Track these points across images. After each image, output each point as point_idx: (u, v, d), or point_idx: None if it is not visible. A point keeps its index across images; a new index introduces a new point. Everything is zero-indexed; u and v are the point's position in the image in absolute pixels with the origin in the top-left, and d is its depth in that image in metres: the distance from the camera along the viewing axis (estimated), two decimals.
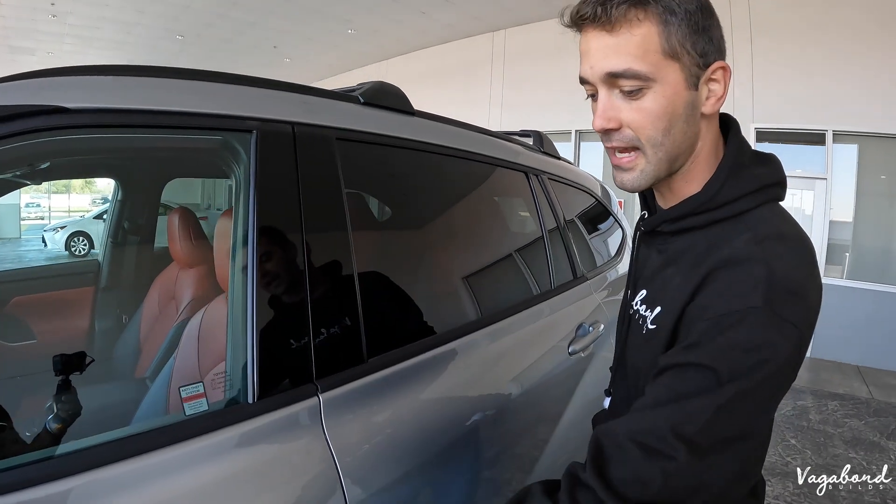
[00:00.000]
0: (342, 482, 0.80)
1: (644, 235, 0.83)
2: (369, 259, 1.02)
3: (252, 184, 0.83)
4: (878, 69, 5.27)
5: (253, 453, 0.75)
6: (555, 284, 1.70)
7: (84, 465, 0.61)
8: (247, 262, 0.82)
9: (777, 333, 0.57)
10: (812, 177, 5.73)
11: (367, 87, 1.16)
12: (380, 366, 0.94)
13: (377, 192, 1.19)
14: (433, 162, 1.34)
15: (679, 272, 0.68)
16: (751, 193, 0.67)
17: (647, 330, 0.70)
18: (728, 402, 0.56)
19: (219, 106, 0.85)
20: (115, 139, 0.84)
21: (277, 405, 0.78)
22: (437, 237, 1.48)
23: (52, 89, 0.70)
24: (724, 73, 0.67)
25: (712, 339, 0.58)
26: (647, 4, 0.61)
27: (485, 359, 1.25)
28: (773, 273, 0.59)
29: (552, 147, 2.09)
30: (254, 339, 0.78)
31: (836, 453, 3.47)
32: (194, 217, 1.82)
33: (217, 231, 1.16)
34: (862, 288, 5.56)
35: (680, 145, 0.67)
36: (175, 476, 0.67)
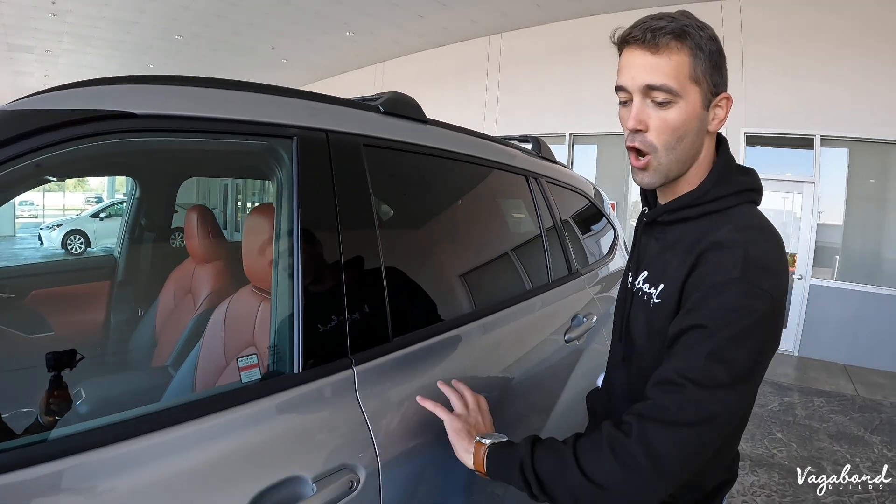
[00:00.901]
0: (374, 441, 0.92)
1: (645, 227, 0.98)
2: (392, 252, 1.13)
3: (295, 184, 0.94)
4: (865, 76, 5.42)
5: (298, 416, 0.87)
6: (552, 279, 1.83)
7: (158, 425, 0.72)
8: (292, 253, 0.93)
9: (753, 297, 0.73)
10: (800, 180, 5.88)
11: (386, 97, 1.28)
12: (403, 344, 1.07)
13: (397, 193, 1.29)
14: (445, 165, 1.48)
15: (676, 256, 0.85)
16: (734, 194, 0.85)
17: (654, 304, 0.87)
18: (717, 348, 0.73)
19: (264, 114, 0.96)
20: (174, 142, 0.93)
21: (319, 375, 0.90)
22: (448, 234, 1.62)
23: (122, 96, 0.79)
24: (728, 102, 0.86)
25: (705, 304, 0.76)
26: (685, 39, 0.79)
27: (491, 342, 1.39)
28: (748, 254, 0.75)
29: (549, 152, 2.24)
30: (299, 319, 0.90)
31: (821, 446, 3.58)
32: (212, 215, 1.91)
33: (247, 227, 1.25)
34: (850, 289, 5.69)
35: (688, 152, 0.85)
36: (235, 434, 0.79)
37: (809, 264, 5.83)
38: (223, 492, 0.75)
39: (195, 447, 0.75)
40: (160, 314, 1.99)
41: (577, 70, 7.34)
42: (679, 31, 0.79)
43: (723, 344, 0.72)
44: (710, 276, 0.76)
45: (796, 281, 5.90)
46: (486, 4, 7.16)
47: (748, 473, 3.11)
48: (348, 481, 0.86)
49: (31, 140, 0.71)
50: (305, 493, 0.81)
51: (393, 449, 0.95)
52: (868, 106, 5.41)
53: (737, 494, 2.86)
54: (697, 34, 0.80)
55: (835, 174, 5.76)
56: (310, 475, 0.82)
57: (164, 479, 0.71)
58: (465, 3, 7.14)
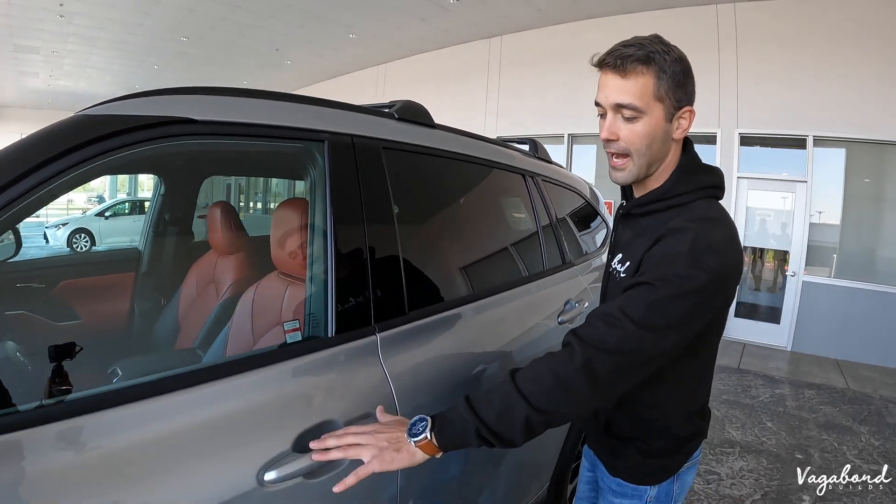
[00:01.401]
0: (394, 395, 1.11)
1: (622, 217, 1.15)
2: (407, 240, 1.30)
3: (328, 181, 1.11)
4: (857, 78, 5.56)
5: (332, 371, 1.06)
6: (546, 267, 2.03)
7: (223, 374, 0.89)
8: (326, 240, 1.10)
9: (695, 269, 0.89)
10: (793, 180, 6.02)
11: (399, 105, 1.46)
12: (417, 317, 1.25)
13: (410, 190, 1.45)
14: (451, 165, 1.66)
15: (644, 241, 1.00)
16: (692, 191, 1.01)
17: (620, 277, 1.05)
18: (657, 301, 0.89)
19: (301, 121, 1.13)
20: (228, 144, 1.09)
21: (348, 339, 1.08)
22: (454, 225, 1.79)
23: (184, 104, 0.94)
24: (691, 114, 1.00)
25: (655, 269, 0.92)
26: (650, 64, 0.93)
27: (493, 319, 1.58)
28: (697, 236, 0.91)
29: (545, 153, 2.45)
30: (332, 294, 1.08)
31: (810, 435, 3.72)
32: (234, 210, 2.06)
33: (276, 218, 1.40)
34: (843, 285, 5.83)
35: (655, 156, 1.00)
36: (282, 384, 0.97)
37: (802, 262, 5.97)
38: (273, 430, 0.92)
39: (252, 392, 0.93)
40: (183, 303, 2.12)
41: (576, 72, 7.47)
42: (645, 57, 0.93)
43: (663, 299, 0.88)
44: (663, 250, 0.93)
45: (789, 278, 6.05)
46: (486, 8, 7.31)
47: (738, 459, 3.26)
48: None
49: (112, 140, 0.86)
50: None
51: (410, 401, 1.14)
52: (860, 107, 5.55)
53: (725, 478, 3.00)
54: (662, 59, 0.94)
55: (829, 174, 5.89)
56: (342, 420, 1.00)
57: (228, 417, 0.88)
58: (465, 7, 7.29)
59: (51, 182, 0.82)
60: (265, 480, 0.87)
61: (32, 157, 0.81)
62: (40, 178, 0.81)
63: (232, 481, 0.84)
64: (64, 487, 0.72)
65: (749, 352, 5.89)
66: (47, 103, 16.05)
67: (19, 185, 0.79)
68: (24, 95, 15.05)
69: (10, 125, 16.68)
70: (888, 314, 5.59)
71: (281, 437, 0.91)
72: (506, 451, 1.60)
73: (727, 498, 2.79)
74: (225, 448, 0.86)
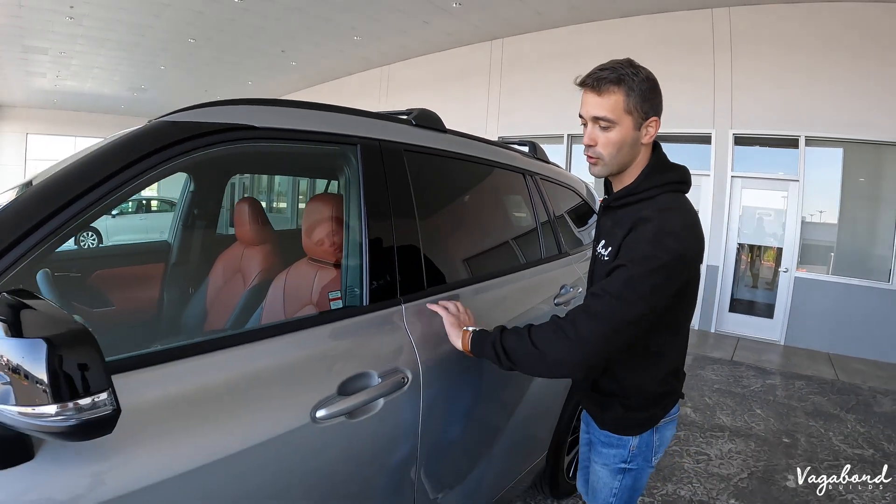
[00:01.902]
0: (417, 354, 1.36)
1: (603, 209, 1.39)
2: (425, 229, 1.53)
3: (361, 180, 1.34)
4: (848, 79, 5.74)
5: (368, 332, 1.28)
6: (544, 256, 2.27)
7: (282, 330, 1.11)
8: (361, 228, 1.33)
9: (658, 251, 1.12)
10: (786, 179, 6.21)
11: (416, 113, 1.70)
12: (434, 292, 1.49)
13: (427, 187, 1.66)
14: (460, 165, 1.90)
15: (620, 228, 1.23)
16: (657, 186, 1.23)
17: (605, 260, 1.29)
18: (629, 278, 1.12)
19: (339, 128, 1.36)
20: (284, 147, 1.30)
21: (380, 308, 1.31)
22: (464, 218, 2.03)
23: (246, 113, 1.14)
24: (656, 123, 1.23)
25: (627, 252, 1.16)
26: (621, 84, 1.16)
27: (495, 297, 1.82)
28: (661, 225, 1.14)
29: (544, 154, 2.71)
30: (366, 271, 1.31)
31: (797, 421, 3.90)
32: (260, 205, 2.25)
33: (309, 210, 1.60)
34: (834, 281, 6.00)
35: (625, 158, 1.24)
36: (330, 341, 1.20)
37: (795, 258, 6.15)
38: (323, 376, 1.15)
39: (308, 346, 1.16)
40: (210, 291, 2.31)
41: (574, 74, 7.58)
42: (616, 78, 1.16)
43: (634, 276, 1.12)
44: (634, 237, 1.16)
45: (782, 274, 6.24)
46: (488, 11, 7.49)
47: (727, 442, 3.45)
48: (401, 378, 1.28)
49: (190, 142, 1.05)
50: (373, 383, 1.22)
51: (429, 359, 1.38)
52: (851, 108, 5.73)
53: (714, 458, 3.19)
54: (631, 79, 1.16)
55: (827, 173, 6.05)
56: (376, 372, 1.23)
57: (290, 365, 1.10)
58: (468, 10, 7.47)
59: (140, 178, 1.01)
60: (317, 417, 1.09)
61: (126, 155, 1.00)
62: (132, 173, 0.99)
63: (293, 415, 1.06)
64: (173, 413, 0.92)
65: (743, 345, 6.08)
66: (53, 103, 16.21)
67: (116, 178, 0.97)
68: (29, 95, 15.21)
69: (14, 125, 16.86)
70: (879, 309, 5.74)
71: (329, 383, 1.14)
72: (510, 425, 1.83)
73: (715, 476, 2.98)
74: (288, 390, 1.08)
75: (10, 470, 0.76)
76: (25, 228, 0.88)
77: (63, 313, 0.69)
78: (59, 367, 0.64)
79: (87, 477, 0.82)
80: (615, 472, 1.40)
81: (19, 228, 0.87)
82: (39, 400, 0.65)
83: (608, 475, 1.42)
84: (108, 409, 0.69)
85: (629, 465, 1.39)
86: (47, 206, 0.90)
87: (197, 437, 0.93)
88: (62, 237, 0.95)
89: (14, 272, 0.86)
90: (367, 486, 1.25)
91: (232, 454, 0.95)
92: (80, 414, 0.66)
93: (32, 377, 0.65)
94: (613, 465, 1.40)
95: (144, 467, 0.86)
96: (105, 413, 0.68)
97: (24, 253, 0.87)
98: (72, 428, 0.66)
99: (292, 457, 1.05)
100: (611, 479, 1.41)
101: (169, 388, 0.93)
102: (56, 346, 0.64)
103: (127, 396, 0.87)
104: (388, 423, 1.22)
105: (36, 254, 0.90)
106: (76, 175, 0.95)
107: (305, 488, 1.09)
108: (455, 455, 1.58)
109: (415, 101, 9.51)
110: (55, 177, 0.95)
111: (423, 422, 1.35)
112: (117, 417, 0.71)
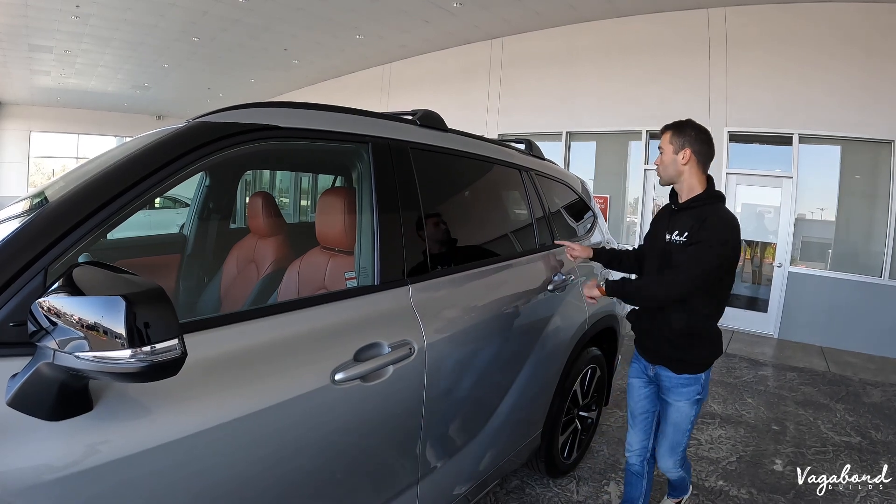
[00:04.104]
0: (422, 328, 1.52)
1: (674, 211, 2.03)
2: (429, 220, 1.69)
3: (372, 175, 1.50)
4: (840, 79, 5.87)
5: (379, 308, 1.44)
6: (538, 245, 2.44)
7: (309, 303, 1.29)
8: (372, 219, 1.48)
9: (725, 234, 1.85)
10: (780, 175, 6.33)
11: (420, 113, 1.86)
12: (437, 275, 1.67)
13: (430, 182, 1.81)
14: (461, 162, 2.07)
15: (693, 223, 1.89)
16: (710, 198, 1.95)
17: (682, 243, 1.91)
18: (707, 248, 1.83)
19: (353, 128, 1.51)
20: (303, 145, 1.45)
21: (390, 287, 1.48)
22: (463, 210, 2.21)
23: (271, 114, 1.28)
24: (685, 152, 1.96)
25: (703, 235, 1.84)
26: (666, 130, 2.01)
27: (492, 281, 2.01)
28: (724, 221, 1.88)
29: (539, 151, 2.88)
30: (378, 256, 1.46)
31: (787, 410, 4.03)
32: (273, 199, 2.39)
33: (323, 202, 1.74)
34: (827, 276, 6.13)
35: (669, 172, 2.01)
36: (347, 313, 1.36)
37: (788, 253, 6.28)
38: (340, 344, 1.31)
39: (328, 318, 1.32)
40: (225, 279, 2.44)
41: (573, 73, 7.80)
42: (666, 126, 2.02)
43: (711, 247, 1.81)
44: (710, 226, 1.84)
45: (776, 269, 6.37)
46: (488, 11, 7.61)
47: (717, 428, 3.58)
48: (409, 348, 1.45)
49: (223, 141, 1.18)
50: (384, 352, 1.39)
51: (433, 333, 1.56)
52: (843, 106, 5.85)
53: (704, 443, 3.33)
54: (673, 126, 2.00)
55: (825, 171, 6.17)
56: (386, 342, 1.40)
57: (310, 333, 1.25)
58: (468, 10, 7.59)
59: (181, 172, 1.14)
60: (336, 379, 1.25)
61: (167, 153, 1.14)
62: (176, 167, 1.13)
63: (315, 376, 1.22)
64: (216, 372, 1.07)
65: (737, 338, 6.21)
66: (56, 101, 16.32)
67: (161, 172, 1.11)
68: (33, 93, 15.32)
69: (18, 122, 16.96)
70: (872, 303, 5.86)
71: (346, 350, 1.31)
72: (507, 398, 2.01)
73: (705, 460, 3.11)
74: (311, 356, 1.24)
75: (72, 420, 0.89)
76: (84, 214, 1.01)
77: (137, 277, 0.82)
78: (134, 319, 0.76)
79: (139, 427, 0.97)
80: (693, 403, 2.01)
81: (79, 214, 1.01)
82: (114, 348, 0.77)
83: (688, 407, 2.01)
84: (177, 352, 0.81)
85: (700, 396, 2.02)
86: (103, 196, 1.04)
87: (237, 393, 1.08)
88: (112, 224, 1.08)
89: (75, 251, 1.00)
90: (378, 445, 1.42)
91: (264, 408, 1.11)
92: (153, 356, 0.78)
93: (111, 332, 0.76)
94: (693, 398, 2.01)
95: (190, 418, 1.01)
96: (174, 356, 0.80)
97: (83, 236, 1.01)
98: (144, 368, 0.77)
99: (315, 414, 1.21)
100: (689, 410, 2.02)
101: (214, 349, 1.08)
102: (133, 303, 0.76)
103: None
104: (397, 388, 1.40)
105: (92, 237, 1.04)
106: (127, 168, 1.09)
107: (326, 444, 1.25)
108: (456, 423, 1.75)
109: (415, 100, 9.67)
110: (109, 169, 1.09)
111: (427, 388, 1.51)
112: (183, 360, 0.83)
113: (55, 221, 0.98)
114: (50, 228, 0.97)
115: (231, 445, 1.06)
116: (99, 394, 0.94)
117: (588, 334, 2.57)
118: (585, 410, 2.79)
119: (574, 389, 2.54)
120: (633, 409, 2.21)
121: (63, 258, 0.98)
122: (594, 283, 2.10)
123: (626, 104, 7.22)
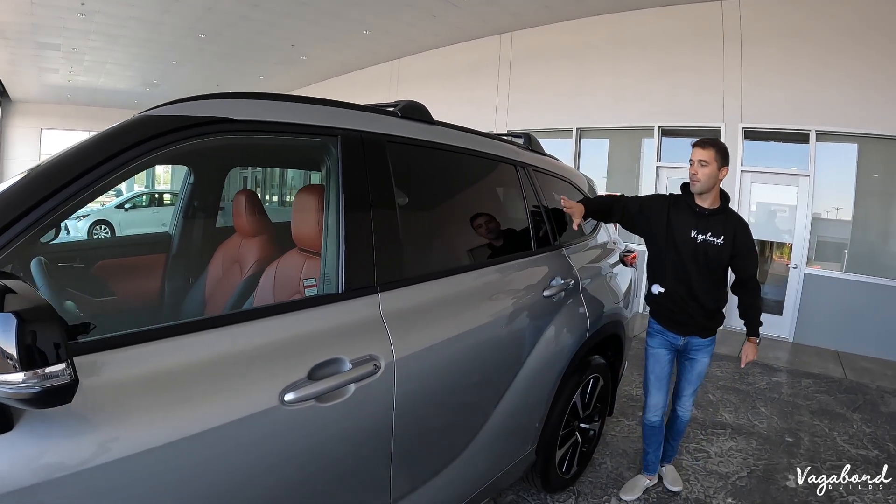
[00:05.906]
0: (391, 341, 1.39)
1: (701, 215, 2.36)
2: (406, 220, 1.54)
3: (340, 170, 1.35)
4: (859, 73, 5.64)
5: (342, 319, 1.30)
6: (534, 248, 2.27)
7: (257, 315, 1.14)
8: (339, 219, 1.34)
9: (751, 240, 2.41)
10: (796, 174, 6.12)
11: (403, 105, 1.70)
12: (412, 281, 1.53)
13: (410, 178, 1.67)
14: (447, 157, 1.90)
15: (718, 224, 2.35)
16: (727, 205, 2.42)
17: (719, 245, 2.34)
18: (749, 253, 2.41)
19: (319, 119, 1.36)
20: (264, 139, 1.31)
21: (356, 295, 1.34)
22: (448, 209, 2.04)
23: (225, 106, 1.15)
24: (724, 169, 2.33)
25: (746, 243, 2.39)
26: (712, 147, 2.31)
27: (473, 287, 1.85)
28: (748, 228, 2.42)
29: (539, 146, 2.69)
30: (344, 261, 1.31)
31: (801, 420, 3.85)
32: (257, 197, 2.27)
33: (298, 202, 1.61)
34: (845, 278, 5.91)
35: (709, 185, 2.32)
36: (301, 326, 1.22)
37: (804, 254, 6.07)
38: (293, 360, 1.17)
39: (279, 331, 1.18)
40: (210, 280, 2.34)
41: (583, 67, 7.63)
42: (710, 143, 2.32)
43: (754, 256, 2.42)
44: (745, 233, 2.37)
45: (791, 270, 6.16)
46: (496, 5, 7.46)
47: (728, 439, 3.42)
48: (373, 365, 1.30)
49: (171, 135, 1.07)
50: (344, 369, 1.24)
51: (404, 348, 1.41)
52: (863, 102, 5.62)
53: (714, 456, 3.18)
54: (718, 145, 2.32)
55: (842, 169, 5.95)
56: (347, 358, 1.25)
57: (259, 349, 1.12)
58: (476, 4, 7.45)
59: (124, 167, 1.03)
60: (285, 399, 1.12)
61: (109, 147, 1.02)
62: (115, 164, 1.02)
63: (260, 398, 1.09)
64: (146, 390, 0.96)
65: None
66: (67, 98, 16.41)
67: (101, 168, 1.00)
68: (43, 91, 15.41)
69: (29, 120, 17.10)
70: (890, 307, 5.65)
71: (299, 368, 1.17)
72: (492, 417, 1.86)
73: (714, 474, 2.96)
74: (255, 372, 1.11)
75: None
76: (11, 217, 0.90)
77: (31, 291, 0.73)
78: (24, 339, 0.69)
79: (60, 448, 0.86)
80: (710, 356, 2.56)
81: (6, 217, 0.90)
82: (8, 370, 0.71)
83: (709, 359, 2.56)
84: (66, 378, 0.73)
85: (714, 350, 2.58)
86: (33, 196, 0.93)
87: (168, 415, 0.97)
88: (51, 223, 0.97)
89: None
90: (339, 471, 1.29)
91: (202, 432, 0.99)
92: (43, 382, 0.71)
93: (2, 350, 0.70)
94: (712, 351, 2.56)
95: (117, 441, 0.91)
96: (64, 382, 0.73)
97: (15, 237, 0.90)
98: (35, 395, 0.72)
99: (260, 438, 1.09)
100: (709, 360, 2.56)
101: (142, 366, 0.96)
102: (25, 321, 0.69)
103: (102, 373, 0.91)
104: (360, 409, 1.25)
105: (24, 239, 0.93)
106: (62, 166, 0.98)
107: (273, 470, 1.12)
108: (433, 445, 1.60)
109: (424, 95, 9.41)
110: (41, 168, 0.98)
111: (398, 409, 1.37)
112: (75, 387, 0.76)
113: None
114: None
115: (158, 474, 0.95)
116: (20, 413, 0.84)
117: (590, 343, 2.41)
118: (587, 422, 2.64)
119: (574, 401, 2.39)
120: (657, 375, 2.56)
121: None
122: (751, 349, 2.57)
123: (637, 100, 7.02)
